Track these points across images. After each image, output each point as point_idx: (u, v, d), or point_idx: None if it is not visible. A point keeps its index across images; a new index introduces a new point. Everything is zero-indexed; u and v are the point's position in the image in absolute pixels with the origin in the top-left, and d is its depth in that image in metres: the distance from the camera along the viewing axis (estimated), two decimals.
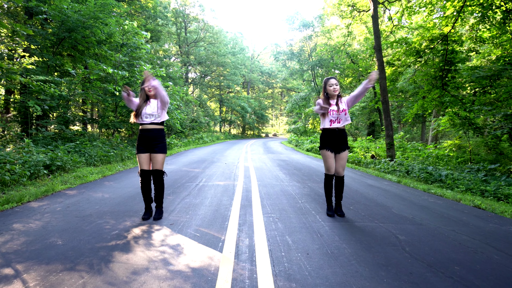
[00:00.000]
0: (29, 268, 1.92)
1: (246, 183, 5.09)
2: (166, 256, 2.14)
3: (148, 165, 2.96)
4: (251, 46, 43.73)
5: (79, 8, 7.45)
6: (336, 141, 3.08)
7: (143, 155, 2.94)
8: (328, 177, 3.15)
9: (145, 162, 2.94)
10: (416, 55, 8.65)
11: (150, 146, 2.94)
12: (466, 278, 1.93)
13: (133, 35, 9.64)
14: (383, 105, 8.53)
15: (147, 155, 2.95)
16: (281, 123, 53.57)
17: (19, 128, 7.71)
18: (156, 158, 2.94)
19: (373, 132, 19.46)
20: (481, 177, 5.74)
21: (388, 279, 1.88)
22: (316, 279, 1.86)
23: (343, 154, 3.10)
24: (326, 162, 3.12)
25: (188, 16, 26.00)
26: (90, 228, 2.69)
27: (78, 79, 8.15)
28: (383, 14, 13.97)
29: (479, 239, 2.66)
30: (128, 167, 6.74)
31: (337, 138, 3.08)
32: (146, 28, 14.15)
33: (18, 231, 2.58)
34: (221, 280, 1.82)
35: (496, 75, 6.90)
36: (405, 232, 2.78)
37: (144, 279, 1.82)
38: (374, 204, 3.84)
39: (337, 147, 3.10)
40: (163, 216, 3.11)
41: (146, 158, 2.95)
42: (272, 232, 2.69)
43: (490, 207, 3.92)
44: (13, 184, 4.25)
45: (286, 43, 25.46)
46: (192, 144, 16.34)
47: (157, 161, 2.95)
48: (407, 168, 7.04)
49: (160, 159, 2.95)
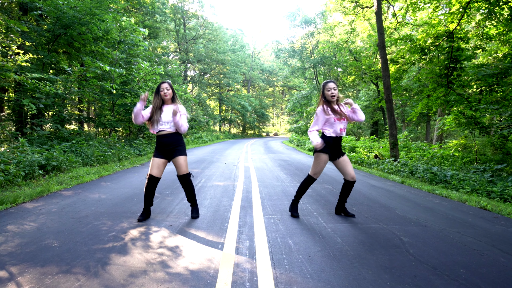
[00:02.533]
0: (24, 271, 1.88)
1: (246, 183, 5.01)
2: (164, 258, 2.11)
3: (158, 171, 2.88)
4: (251, 43, 43.52)
5: (75, 4, 7.30)
6: (336, 149, 2.99)
7: (156, 159, 2.88)
8: (311, 178, 3.06)
9: (156, 167, 2.87)
10: (420, 52, 8.48)
11: (168, 152, 2.90)
12: (472, 281, 1.89)
13: (131, 32, 9.49)
14: (387, 103, 8.38)
15: (161, 161, 2.88)
16: (282, 122, 53.41)
17: (14, 127, 7.58)
18: (178, 162, 2.89)
19: (376, 132, 19.32)
20: (487, 178, 5.66)
21: (391, 282, 1.85)
22: (318, 282, 1.82)
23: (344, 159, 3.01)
24: (318, 166, 2.99)
25: (187, 13, 25.76)
26: (86, 229, 2.64)
27: (74, 77, 8.00)
28: (387, 11, 13.76)
29: (485, 241, 2.62)
30: (125, 167, 6.63)
31: (338, 146, 3.00)
32: (144, 25, 13.98)
33: (13, 233, 2.54)
34: (221, 282, 1.79)
35: (503, 73, 6.76)
36: (409, 234, 2.74)
37: (142, 282, 1.78)
38: (378, 205, 3.80)
39: (335, 155, 3.00)
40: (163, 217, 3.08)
41: (159, 163, 2.88)
42: (273, 233, 2.65)
43: (496, 209, 3.90)
44: (8, 184, 4.18)
45: (288, 40, 25.18)
46: (191, 144, 16.23)
47: (180, 165, 2.90)
48: (411, 169, 6.94)
49: (183, 162, 2.90)
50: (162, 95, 2.91)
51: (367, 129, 21.83)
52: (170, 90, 2.96)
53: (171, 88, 2.97)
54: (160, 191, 4.24)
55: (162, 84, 2.94)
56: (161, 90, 2.92)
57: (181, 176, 2.94)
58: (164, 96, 2.91)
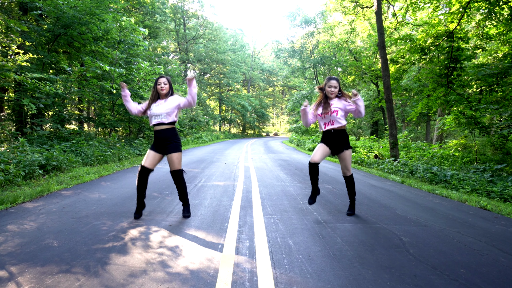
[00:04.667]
0: (23, 270, 1.88)
1: (246, 183, 5.01)
2: (164, 258, 2.10)
3: (150, 163, 2.89)
4: (251, 43, 43.48)
5: (75, 4, 7.29)
6: (334, 142, 3.06)
7: (151, 152, 2.91)
8: (310, 164, 3.11)
9: (149, 159, 2.90)
10: (420, 52, 8.48)
11: (163, 147, 2.91)
12: (472, 281, 1.89)
13: (131, 31, 9.48)
14: (387, 103, 8.38)
15: (155, 155, 2.91)
16: (282, 122, 53.37)
17: (14, 127, 7.57)
18: (171, 158, 2.89)
19: (376, 131, 19.32)
20: (487, 178, 5.67)
21: (391, 281, 1.85)
22: (318, 282, 1.82)
23: (344, 154, 3.06)
24: (314, 151, 3.13)
25: (187, 12, 25.74)
26: (86, 229, 2.64)
27: (74, 76, 8.00)
28: (387, 10, 13.76)
29: (485, 241, 2.62)
30: (125, 167, 6.63)
31: (335, 139, 3.05)
32: (144, 25, 13.97)
33: (13, 233, 2.53)
34: (221, 282, 1.79)
35: (503, 73, 6.77)
36: (409, 233, 2.74)
37: (141, 282, 1.78)
38: (378, 205, 3.80)
39: (335, 148, 3.07)
40: (163, 217, 3.07)
41: (153, 156, 2.90)
42: (273, 233, 2.65)
43: (496, 208, 3.89)
44: (8, 184, 4.17)
45: (288, 40, 25.18)
46: (191, 144, 16.22)
47: (172, 161, 2.90)
48: (411, 168, 6.94)
49: (175, 159, 2.90)
50: (159, 89, 2.91)
51: (367, 129, 21.83)
52: (167, 85, 2.95)
53: (168, 83, 2.97)
54: (160, 191, 4.24)
55: (160, 78, 2.94)
56: (158, 84, 2.92)
57: (173, 172, 2.93)
58: (160, 90, 2.91)
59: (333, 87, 3.00)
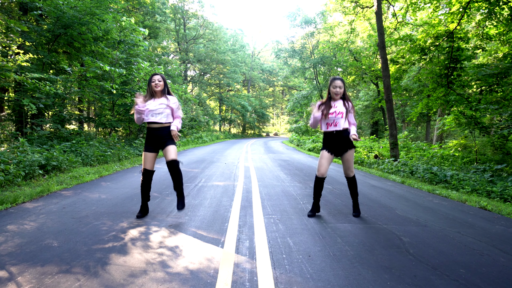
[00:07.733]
0: (23, 271, 1.88)
1: (246, 183, 5.01)
2: (164, 258, 2.11)
3: (151, 165, 2.93)
4: (251, 43, 43.47)
5: (75, 4, 7.29)
6: (336, 144, 3.02)
7: (149, 154, 2.91)
8: (317, 179, 3.08)
9: (149, 162, 2.92)
10: (420, 52, 8.48)
11: (158, 144, 2.93)
12: (472, 281, 1.89)
13: (131, 31, 9.48)
14: (387, 103, 8.38)
15: (153, 155, 2.93)
16: (282, 122, 53.35)
17: (14, 127, 7.57)
18: (167, 149, 2.90)
19: (376, 132, 19.32)
20: (487, 178, 5.66)
21: (391, 282, 1.85)
22: (318, 282, 1.82)
23: (347, 155, 3.04)
24: (319, 162, 3.08)
25: (187, 12, 25.74)
26: (86, 229, 2.64)
27: (74, 76, 7.99)
28: (387, 11, 13.76)
29: (485, 241, 2.62)
30: (125, 167, 6.63)
31: (337, 141, 3.02)
32: (144, 25, 13.96)
33: (13, 233, 2.53)
34: (221, 282, 1.79)
35: (503, 73, 6.77)
36: (409, 234, 2.74)
37: (141, 282, 1.78)
38: (378, 205, 3.80)
39: (338, 150, 3.04)
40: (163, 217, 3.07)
41: (152, 157, 2.92)
42: (273, 233, 2.65)
43: (496, 209, 3.89)
44: (8, 184, 4.18)
45: (288, 40, 25.16)
46: (191, 144, 16.21)
47: (169, 152, 2.89)
48: (411, 169, 6.94)
49: (172, 149, 2.90)
50: (153, 86, 2.90)
51: (367, 129, 21.83)
52: (162, 82, 2.94)
53: (163, 80, 2.96)
54: (160, 191, 4.24)
55: (154, 76, 2.94)
56: (153, 81, 2.91)
57: (169, 162, 2.86)
58: (154, 87, 2.90)
59: (338, 88, 2.96)
